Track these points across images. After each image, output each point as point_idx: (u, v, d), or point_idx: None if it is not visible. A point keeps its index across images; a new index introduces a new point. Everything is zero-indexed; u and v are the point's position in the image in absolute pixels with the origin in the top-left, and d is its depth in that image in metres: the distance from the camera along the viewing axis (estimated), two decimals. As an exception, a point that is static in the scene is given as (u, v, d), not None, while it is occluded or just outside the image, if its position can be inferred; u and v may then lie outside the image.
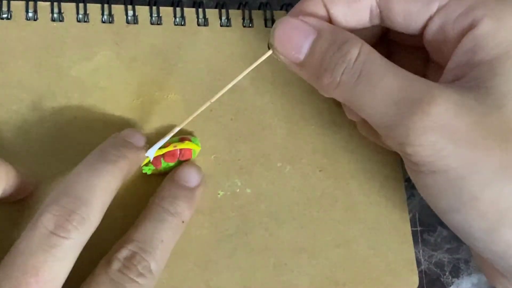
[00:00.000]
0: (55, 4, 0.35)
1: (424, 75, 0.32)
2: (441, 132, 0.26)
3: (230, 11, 0.38)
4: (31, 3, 0.35)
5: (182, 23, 0.37)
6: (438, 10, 0.29)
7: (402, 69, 0.28)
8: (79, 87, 0.34)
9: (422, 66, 0.33)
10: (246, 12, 0.38)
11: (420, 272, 0.35)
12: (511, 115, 0.26)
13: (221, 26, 0.37)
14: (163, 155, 0.32)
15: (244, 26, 0.38)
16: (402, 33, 0.31)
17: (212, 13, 0.37)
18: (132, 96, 0.35)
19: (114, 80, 0.35)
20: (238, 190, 0.34)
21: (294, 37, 0.29)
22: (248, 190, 0.35)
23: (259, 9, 0.38)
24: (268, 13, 0.38)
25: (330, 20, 0.30)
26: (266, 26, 0.38)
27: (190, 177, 0.32)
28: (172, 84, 0.35)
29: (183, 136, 0.34)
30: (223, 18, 0.37)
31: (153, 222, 0.30)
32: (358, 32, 0.30)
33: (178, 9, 0.37)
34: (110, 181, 0.28)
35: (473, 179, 0.26)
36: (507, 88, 0.26)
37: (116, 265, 0.28)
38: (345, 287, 0.34)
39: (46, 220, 0.26)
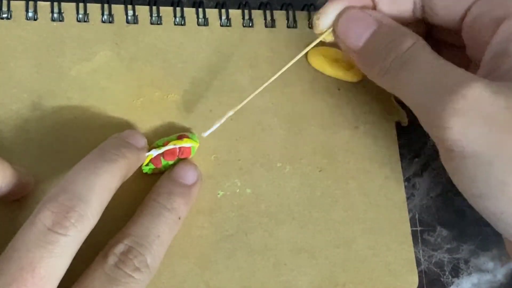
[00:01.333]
0: (55, 4, 0.35)
1: None
2: (472, 115, 0.26)
3: (230, 11, 0.38)
4: (31, 3, 0.35)
5: (182, 23, 0.37)
6: (475, 2, 0.30)
7: (446, 60, 0.29)
8: (79, 87, 0.34)
9: (463, 66, 0.33)
10: (246, 12, 0.38)
11: (420, 272, 0.35)
12: None
13: (221, 26, 0.37)
14: (162, 154, 0.32)
15: (244, 26, 0.38)
16: (445, 31, 0.33)
17: (212, 13, 0.37)
18: (132, 96, 0.35)
19: (114, 80, 0.35)
20: (238, 190, 0.34)
21: (357, 26, 0.32)
22: (248, 190, 0.35)
23: (259, 9, 0.38)
24: (268, 13, 0.38)
25: (374, 9, 0.32)
26: (266, 26, 0.38)
27: (187, 174, 0.32)
28: (172, 84, 0.35)
29: (181, 134, 0.34)
30: (223, 18, 0.37)
31: (150, 217, 0.30)
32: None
33: (178, 9, 0.37)
34: (109, 180, 0.28)
35: (501, 163, 0.26)
36: None
37: (112, 259, 0.28)
38: (345, 287, 0.34)
39: (44, 216, 0.26)
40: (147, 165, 0.32)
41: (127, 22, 0.36)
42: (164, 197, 0.31)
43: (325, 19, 0.33)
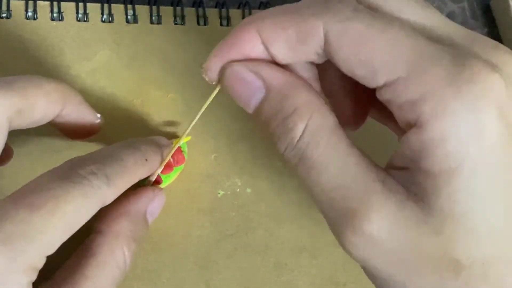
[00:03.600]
0: (55, 3, 0.35)
1: None
2: (371, 250, 0.24)
3: (230, 10, 0.38)
4: (30, 3, 0.35)
5: (182, 23, 0.37)
6: (385, 85, 0.24)
7: (351, 156, 0.25)
8: (79, 87, 0.34)
9: None
10: (246, 11, 0.38)
11: (420, 272, 0.35)
12: (448, 243, 0.24)
13: (221, 25, 0.37)
14: None
15: (244, 26, 0.38)
16: None
17: (212, 13, 0.37)
18: (132, 96, 0.35)
19: (113, 80, 0.35)
20: (238, 190, 0.34)
21: (241, 91, 0.26)
22: (248, 190, 0.34)
23: (259, 8, 0.38)
24: (268, 12, 0.38)
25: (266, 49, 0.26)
26: (266, 25, 0.38)
27: (159, 138, 0.31)
28: (172, 84, 0.35)
29: None
30: (223, 17, 0.37)
31: (114, 146, 0.28)
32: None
33: (178, 8, 0.37)
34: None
35: None
36: (451, 213, 0.23)
37: (66, 164, 0.26)
38: (346, 287, 0.34)
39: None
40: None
41: (127, 21, 0.36)
42: (132, 140, 0.29)
43: (211, 75, 0.27)
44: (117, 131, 0.34)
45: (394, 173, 0.25)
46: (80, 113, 0.30)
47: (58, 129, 0.31)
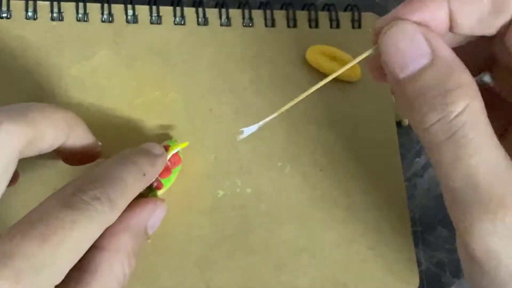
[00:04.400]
0: (55, 3, 0.35)
1: None
2: (506, 244, 0.24)
3: (230, 10, 0.38)
4: (30, 3, 0.35)
5: (182, 22, 0.37)
6: None
7: (501, 149, 0.24)
8: (78, 87, 0.34)
9: None
10: (246, 11, 0.38)
11: (420, 272, 0.35)
12: None
13: (221, 25, 0.37)
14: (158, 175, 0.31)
15: (244, 26, 0.38)
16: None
17: (212, 13, 0.37)
18: (132, 96, 0.35)
19: (113, 80, 0.35)
20: (238, 190, 0.34)
21: (406, 50, 0.25)
22: (248, 190, 0.34)
23: (259, 8, 0.38)
24: (268, 13, 0.38)
25: (450, 19, 0.26)
26: (266, 25, 0.38)
27: (151, 146, 0.31)
28: (172, 84, 0.35)
29: (162, 145, 0.32)
30: (223, 17, 0.37)
31: (111, 163, 0.27)
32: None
33: (178, 8, 0.37)
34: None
35: None
36: None
37: (69, 189, 0.25)
38: (346, 287, 0.34)
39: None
40: (152, 190, 0.32)
41: (127, 21, 0.36)
42: (128, 153, 0.29)
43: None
44: (117, 131, 0.34)
45: None
46: (84, 142, 0.30)
47: (59, 156, 0.31)
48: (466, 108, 0.24)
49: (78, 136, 0.29)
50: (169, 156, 0.31)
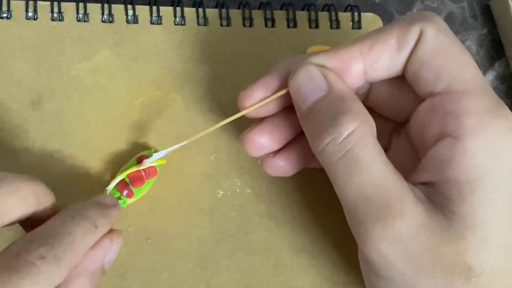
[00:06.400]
0: (55, 3, 0.35)
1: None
2: (395, 247, 0.26)
3: (230, 11, 0.38)
4: (31, 3, 0.35)
5: (182, 23, 0.37)
6: (439, 93, 0.28)
7: (388, 165, 0.27)
8: (79, 87, 0.34)
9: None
10: (246, 12, 0.38)
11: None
12: (466, 250, 0.26)
13: (221, 26, 0.37)
14: (131, 183, 0.31)
15: (244, 26, 0.38)
16: None
17: (212, 13, 0.37)
18: (132, 96, 0.35)
19: (114, 80, 0.35)
20: (238, 190, 0.34)
21: (305, 87, 0.29)
22: (248, 190, 0.34)
23: (259, 9, 0.38)
24: (268, 13, 0.38)
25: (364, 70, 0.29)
26: (266, 26, 0.38)
27: (105, 197, 0.30)
28: (172, 84, 0.35)
29: (140, 155, 0.32)
30: (223, 18, 0.37)
31: (59, 220, 0.26)
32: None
33: (178, 8, 0.37)
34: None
35: None
36: (472, 220, 0.26)
37: (13, 248, 0.24)
38: (346, 287, 0.34)
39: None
40: (120, 199, 0.31)
41: (127, 22, 0.36)
42: (77, 207, 0.27)
43: None
44: (117, 131, 0.34)
45: (419, 188, 0.27)
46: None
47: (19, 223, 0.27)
48: (355, 130, 0.27)
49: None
50: (145, 166, 0.31)
